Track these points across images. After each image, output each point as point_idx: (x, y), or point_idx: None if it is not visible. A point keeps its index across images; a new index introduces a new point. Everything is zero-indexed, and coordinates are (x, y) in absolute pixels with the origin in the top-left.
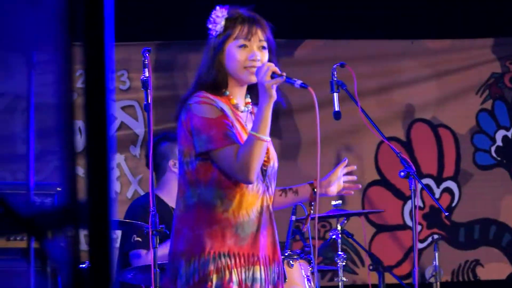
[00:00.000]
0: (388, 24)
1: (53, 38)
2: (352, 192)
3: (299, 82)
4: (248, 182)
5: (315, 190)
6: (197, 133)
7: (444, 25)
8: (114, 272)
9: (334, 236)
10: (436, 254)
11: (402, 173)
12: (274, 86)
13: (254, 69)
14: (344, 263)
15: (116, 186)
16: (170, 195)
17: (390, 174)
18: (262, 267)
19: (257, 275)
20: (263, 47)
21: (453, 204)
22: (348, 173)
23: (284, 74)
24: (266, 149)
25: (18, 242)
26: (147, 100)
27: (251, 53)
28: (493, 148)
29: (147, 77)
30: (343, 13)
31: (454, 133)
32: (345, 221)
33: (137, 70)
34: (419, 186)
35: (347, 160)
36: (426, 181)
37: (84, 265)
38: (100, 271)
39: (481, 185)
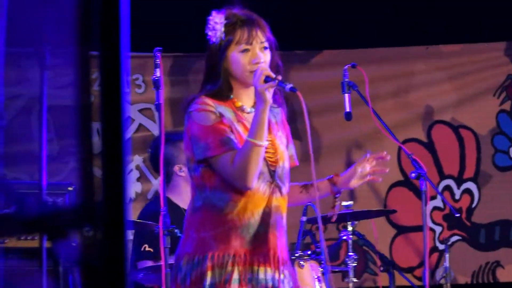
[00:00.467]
0: (403, 31)
1: (69, 41)
2: (380, 179)
3: (289, 86)
4: (246, 187)
5: (336, 184)
6: (195, 141)
7: (456, 30)
8: (128, 272)
9: (344, 237)
10: (447, 255)
11: (413, 174)
12: (270, 90)
13: None
14: (354, 264)
15: (137, 187)
16: (181, 197)
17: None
18: (268, 268)
19: (262, 276)
20: (265, 48)
21: (473, 205)
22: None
23: (279, 77)
24: (263, 154)
25: (29, 241)
26: (159, 99)
27: (254, 56)
28: (511, 150)
29: (158, 77)
30: (357, 23)
31: (475, 134)
32: (356, 222)
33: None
34: (440, 188)
35: (369, 155)
36: (447, 182)
37: (98, 265)
38: (115, 271)
39: (500, 187)
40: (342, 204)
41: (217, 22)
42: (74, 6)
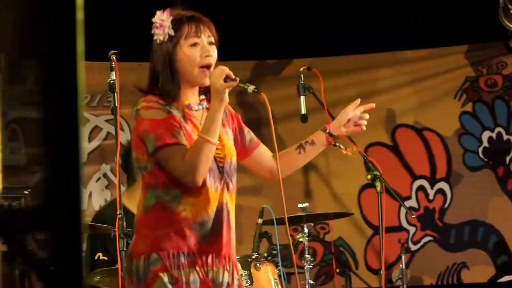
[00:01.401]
0: (371, 38)
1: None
2: (364, 128)
3: (252, 87)
4: (194, 184)
5: (330, 132)
6: (146, 135)
7: (421, 36)
8: (84, 275)
9: (301, 239)
10: (403, 256)
11: (368, 176)
12: (227, 90)
13: (208, 72)
14: (311, 266)
15: (107, 195)
16: (134, 202)
17: (384, 177)
18: (221, 266)
19: (217, 273)
20: (211, 42)
21: (446, 206)
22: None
23: (237, 78)
24: (213, 151)
25: None
26: (115, 103)
27: (205, 49)
28: (480, 149)
29: (114, 80)
30: (328, 32)
31: (440, 136)
32: (313, 224)
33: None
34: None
35: (359, 100)
36: (421, 182)
37: (54, 268)
38: (71, 274)
39: (471, 186)
40: (298, 205)
41: (163, 20)
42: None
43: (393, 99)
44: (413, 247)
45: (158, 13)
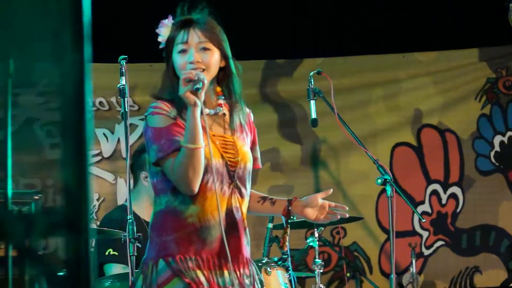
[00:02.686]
0: (380, 40)
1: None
2: (338, 217)
3: (196, 86)
4: (189, 192)
5: (290, 207)
6: (150, 144)
7: (429, 38)
8: (93, 280)
9: (311, 244)
10: (413, 261)
11: (379, 180)
12: (188, 94)
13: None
14: (321, 271)
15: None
16: (141, 207)
17: (403, 179)
18: (230, 270)
19: (225, 277)
20: (205, 48)
21: (458, 210)
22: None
23: (198, 78)
24: (202, 157)
25: None
26: (124, 108)
27: (190, 56)
28: (492, 154)
29: (124, 85)
30: (338, 32)
31: (458, 138)
32: (323, 229)
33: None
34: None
35: (331, 191)
36: (434, 186)
37: (63, 273)
38: (80, 278)
39: (482, 191)
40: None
41: (163, 26)
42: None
43: (420, 99)
44: (426, 252)
45: (167, 18)
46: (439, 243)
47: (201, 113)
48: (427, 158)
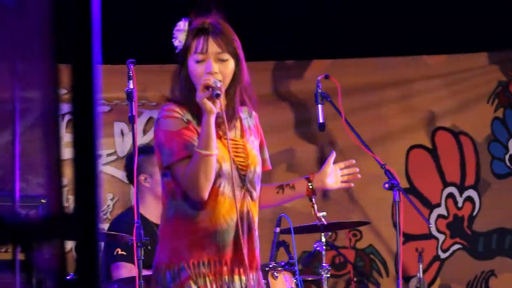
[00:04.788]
0: (388, 42)
1: (38, 50)
2: (352, 184)
3: (215, 92)
4: (198, 198)
5: (312, 184)
6: (161, 147)
7: (436, 42)
8: (101, 284)
9: (318, 248)
10: (420, 266)
11: (386, 185)
12: (205, 100)
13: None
14: (328, 275)
15: None
16: (146, 209)
17: (419, 182)
18: (241, 275)
19: (237, 282)
20: (222, 59)
21: (474, 213)
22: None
23: (216, 85)
24: (214, 164)
25: (2, 254)
26: (132, 111)
27: (208, 67)
28: (507, 157)
29: (132, 89)
30: (347, 34)
31: (473, 141)
32: (330, 233)
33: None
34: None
35: (334, 153)
36: (450, 189)
37: (71, 277)
38: (87, 282)
39: (498, 194)
40: (315, 207)
41: (178, 30)
42: (45, 17)
43: (432, 101)
44: (443, 255)
45: (181, 21)
46: (456, 246)
47: (219, 119)
48: (442, 161)
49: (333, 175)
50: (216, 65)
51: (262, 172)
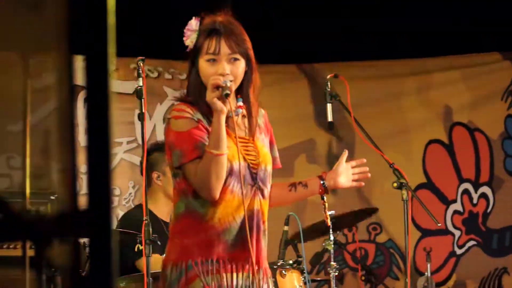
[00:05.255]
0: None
1: (53, 45)
2: (363, 184)
3: (225, 92)
4: (210, 198)
5: (324, 182)
6: (172, 148)
7: (444, 44)
8: (115, 281)
9: (326, 247)
10: (428, 265)
11: (394, 184)
12: (215, 100)
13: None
14: (336, 273)
15: None
16: (156, 206)
17: (436, 177)
18: (249, 273)
19: (245, 280)
20: (235, 59)
21: (488, 210)
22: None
23: (226, 85)
24: (225, 163)
25: (11, 250)
26: (141, 109)
27: (220, 68)
28: None
29: (141, 86)
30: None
31: (488, 138)
32: (338, 232)
33: None
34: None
35: (346, 152)
36: (466, 185)
37: (85, 273)
38: (101, 279)
39: (511, 192)
40: (326, 205)
41: (189, 29)
42: (59, 10)
43: (449, 95)
44: (459, 251)
45: (192, 20)
46: (471, 242)
47: (229, 117)
48: (458, 157)
49: (345, 174)
50: (228, 66)
51: (274, 169)
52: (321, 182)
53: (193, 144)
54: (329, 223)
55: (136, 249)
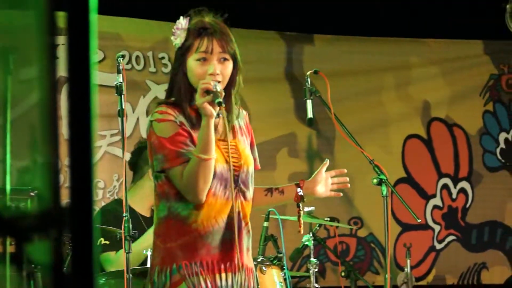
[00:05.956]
0: (390, 23)
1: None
2: (341, 194)
3: (218, 100)
4: (196, 201)
5: (301, 190)
6: (154, 152)
7: (437, 25)
8: (96, 276)
9: (306, 243)
10: (408, 261)
11: (374, 180)
12: (206, 105)
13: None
14: (316, 269)
15: None
16: (140, 202)
17: (416, 172)
18: (235, 274)
19: (229, 281)
20: (224, 59)
21: (467, 205)
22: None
23: (216, 90)
24: (212, 167)
25: None
26: (121, 105)
27: (211, 67)
28: (498, 150)
29: (121, 82)
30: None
31: (466, 134)
32: (318, 227)
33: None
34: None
35: (328, 162)
36: (445, 180)
37: (66, 269)
38: (83, 275)
39: (490, 187)
40: (301, 213)
41: (179, 28)
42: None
43: (428, 90)
44: (438, 246)
45: (180, 18)
46: (451, 237)
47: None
48: (437, 152)
49: (324, 183)
50: (218, 66)
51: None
52: (298, 190)
53: (175, 151)
54: (302, 231)
55: (98, 243)
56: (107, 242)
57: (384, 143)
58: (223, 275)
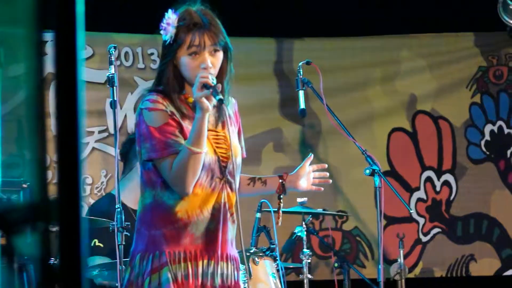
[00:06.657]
0: (379, 20)
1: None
2: (322, 189)
3: (218, 97)
4: (184, 193)
5: (284, 183)
6: (142, 140)
7: (427, 20)
8: (85, 268)
9: (299, 234)
10: (401, 251)
11: (367, 171)
12: (203, 99)
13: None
14: (309, 260)
15: None
16: (130, 194)
17: (399, 165)
18: (217, 263)
19: (211, 269)
20: (215, 50)
21: (451, 198)
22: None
23: (214, 85)
24: (202, 161)
25: None
26: (113, 97)
27: (203, 61)
28: (482, 142)
29: (113, 74)
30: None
31: (452, 126)
32: (310, 218)
33: None
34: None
35: (312, 156)
36: (428, 173)
37: (54, 261)
38: (71, 267)
39: (474, 179)
40: (297, 200)
41: (169, 23)
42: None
43: (415, 84)
44: (424, 239)
45: (169, 12)
46: (435, 230)
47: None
48: (421, 144)
49: (306, 177)
50: (209, 58)
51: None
52: (281, 182)
53: (164, 141)
54: (280, 223)
55: (92, 244)
56: (101, 245)
57: (369, 137)
58: (205, 261)
